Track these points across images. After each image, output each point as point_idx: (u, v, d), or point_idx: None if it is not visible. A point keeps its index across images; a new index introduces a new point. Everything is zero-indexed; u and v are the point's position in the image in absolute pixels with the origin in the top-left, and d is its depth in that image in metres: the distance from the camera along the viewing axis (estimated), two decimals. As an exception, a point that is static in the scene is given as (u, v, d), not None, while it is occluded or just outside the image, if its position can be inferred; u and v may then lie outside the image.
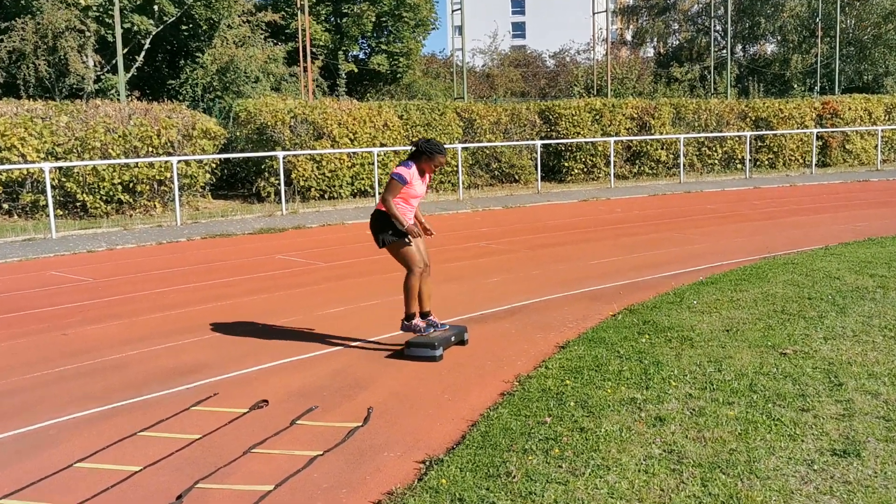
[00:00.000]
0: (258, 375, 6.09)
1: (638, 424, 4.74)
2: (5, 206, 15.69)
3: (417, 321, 6.52)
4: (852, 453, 4.28)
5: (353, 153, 18.76)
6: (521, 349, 6.56)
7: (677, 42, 45.70)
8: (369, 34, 33.98)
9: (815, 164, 24.90)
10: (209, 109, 22.80)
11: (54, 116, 15.87)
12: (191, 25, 26.15)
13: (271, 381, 5.95)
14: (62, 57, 22.60)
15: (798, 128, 25.09)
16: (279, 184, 17.30)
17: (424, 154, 6.32)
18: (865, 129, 25.85)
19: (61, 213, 15.64)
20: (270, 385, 5.85)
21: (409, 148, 19.03)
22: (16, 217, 15.66)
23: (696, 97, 32.41)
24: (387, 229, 6.32)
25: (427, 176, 6.46)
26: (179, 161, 16.17)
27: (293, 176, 18.14)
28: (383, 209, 6.33)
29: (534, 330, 7.16)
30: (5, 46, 22.24)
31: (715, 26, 39.19)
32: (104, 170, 15.69)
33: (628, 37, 49.65)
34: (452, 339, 6.55)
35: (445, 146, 19.41)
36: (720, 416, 4.83)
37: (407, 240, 6.32)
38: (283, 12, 29.25)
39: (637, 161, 23.30)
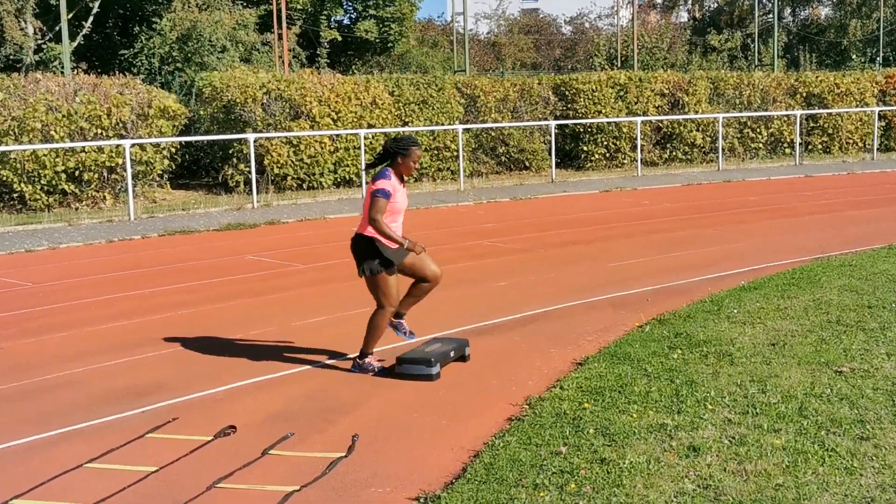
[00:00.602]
0: (225, 397, 6.10)
1: (668, 455, 4.75)
2: (-70, 197, 15.73)
3: (371, 360, 6.51)
4: (919, 489, 4.28)
5: (337, 136, 18.78)
6: (532, 366, 6.57)
7: (715, 5, 45.70)
8: (355, -5, 33.94)
9: (877, 149, 24.93)
10: (168, 84, 22.80)
11: (-13, 93, 15.88)
12: (147, -15, 26.15)
13: (240, 403, 5.96)
14: (-4, 23, 22.59)
15: (857, 106, 25.11)
16: (249, 172, 17.30)
17: (398, 154, 6.29)
18: (935, 107, 25.87)
19: (-5, 205, 15.66)
20: (239, 408, 5.85)
21: (399, 130, 19.13)
22: (-58, 210, 15.68)
23: (737, 70, 32.44)
24: (373, 257, 6.24)
25: (404, 182, 6.45)
26: (133, 145, 16.17)
27: (266, 162, 18.16)
28: (367, 233, 6.23)
29: (547, 343, 7.16)
30: (-71, 11, 22.24)
31: (759, -14, 39.21)
32: (45, 155, 15.69)
33: (658, -1, 49.61)
34: (451, 354, 6.55)
35: (444, 127, 19.67)
36: (764, 445, 4.83)
37: (391, 270, 6.27)
38: (254, -30, 29.25)
39: (668, 145, 23.33)
